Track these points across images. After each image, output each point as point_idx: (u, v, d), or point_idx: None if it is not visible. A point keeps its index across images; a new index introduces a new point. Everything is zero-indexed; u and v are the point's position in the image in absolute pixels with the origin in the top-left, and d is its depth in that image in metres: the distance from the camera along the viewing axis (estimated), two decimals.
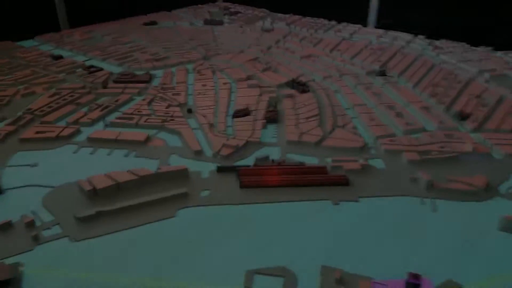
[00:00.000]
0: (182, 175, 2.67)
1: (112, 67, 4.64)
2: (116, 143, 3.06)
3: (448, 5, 6.89)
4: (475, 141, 3.16)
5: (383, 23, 6.49)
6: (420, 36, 6.04)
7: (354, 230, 2.25)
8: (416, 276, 1.45)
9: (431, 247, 2.13)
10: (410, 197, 2.57)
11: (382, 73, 4.57)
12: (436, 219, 2.37)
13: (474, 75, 4.64)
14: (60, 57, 4.85)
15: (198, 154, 2.95)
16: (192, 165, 2.79)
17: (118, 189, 2.48)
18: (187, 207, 2.41)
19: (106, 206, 2.32)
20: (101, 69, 4.49)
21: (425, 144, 3.14)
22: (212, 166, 2.78)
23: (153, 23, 6.53)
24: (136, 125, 3.32)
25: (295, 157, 2.94)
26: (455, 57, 5.15)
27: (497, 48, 5.58)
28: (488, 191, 2.62)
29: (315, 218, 2.35)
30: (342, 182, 2.66)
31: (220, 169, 2.75)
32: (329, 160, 2.89)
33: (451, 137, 3.27)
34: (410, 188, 2.65)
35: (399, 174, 2.79)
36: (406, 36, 6.09)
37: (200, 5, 8.03)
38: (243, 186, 2.59)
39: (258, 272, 1.94)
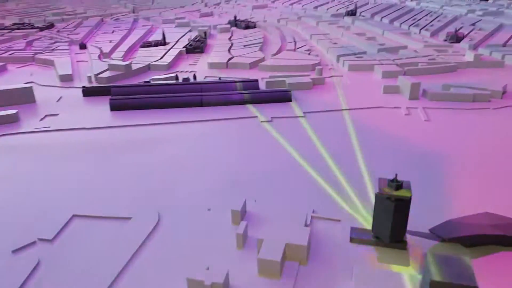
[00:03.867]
0: (25, 98, 1.66)
1: (10, 22, 3.62)
2: None
3: None
4: (478, 54, 2.21)
5: None
6: None
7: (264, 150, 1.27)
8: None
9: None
10: (386, 108, 1.59)
11: (352, 13, 3.66)
12: (433, 129, 1.40)
13: (464, 13, 3.77)
14: None
15: (66, 79, 1.94)
16: (53, 92, 1.80)
17: None
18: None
19: None
20: None
21: (407, 58, 2.18)
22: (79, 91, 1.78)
23: None
24: None
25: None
26: (439, 3, 4.30)
27: None
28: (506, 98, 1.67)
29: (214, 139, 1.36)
30: (279, 97, 1.66)
31: (87, 91, 1.74)
32: (266, 78, 1.91)
33: (444, 52, 2.32)
34: (386, 100, 1.67)
35: (369, 88, 1.81)
36: None
37: None
38: (115, 107, 1.58)
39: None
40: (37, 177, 1.13)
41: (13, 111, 1.49)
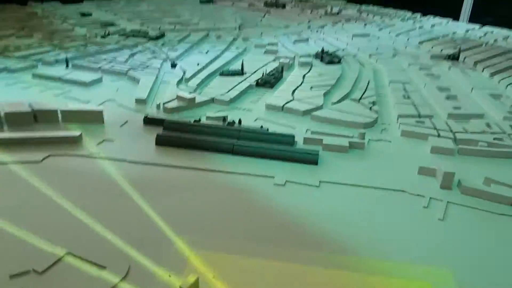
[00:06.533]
0: (96, 119, 1.97)
1: (132, 26, 4.15)
2: (60, 81, 2.50)
3: None
4: None
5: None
6: None
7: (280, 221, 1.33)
8: None
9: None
10: (409, 194, 1.54)
11: (452, 57, 3.43)
12: (441, 232, 1.33)
13: None
14: (88, 15, 4.54)
15: (140, 103, 2.23)
16: (124, 115, 2.09)
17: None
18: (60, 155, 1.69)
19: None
20: (118, 25, 4.05)
21: (472, 132, 2.03)
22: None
23: (210, 1, 6.05)
24: (99, 69, 2.71)
25: (269, 126, 2.04)
26: None
27: None
28: None
29: (238, 198, 1.47)
30: (305, 158, 1.71)
31: (147, 120, 1.99)
32: (309, 132, 1.97)
33: None
34: (415, 184, 1.61)
35: (409, 163, 1.75)
36: (507, 32, 4.73)
37: None
38: (159, 142, 1.80)
39: None
40: (57, 204, 1.38)
41: (77, 133, 1.79)
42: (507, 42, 4.24)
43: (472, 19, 5.51)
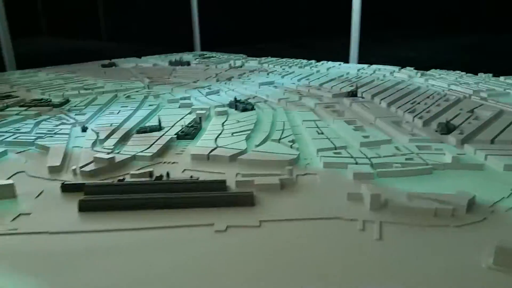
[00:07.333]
0: (7, 194, 1.78)
1: (33, 96, 3.92)
2: None
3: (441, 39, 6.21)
4: (461, 153, 2.21)
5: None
6: (408, 68, 5.26)
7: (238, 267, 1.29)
8: None
9: None
10: (343, 220, 1.60)
11: (352, 94, 3.74)
12: (382, 251, 1.39)
13: (468, 95, 3.77)
14: None
15: (54, 170, 2.07)
16: (38, 185, 1.92)
17: None
18: None
19: None
20: (16, 97, 3.79)
21: (385, 156, 2.19)
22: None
23: (112, 64, 5.96)
24: (2, 142, 2.49)
25: (199, 175, 2.01)
26: (446, 82, 4.32)
27: (498, 74, 4.74)
28: (472, 212, 1.65)
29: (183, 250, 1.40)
30: (241, 201, 1.71)
31: (65, 187, 1.84)
32: (239, 175, 1.98)
33: (426, 149, 2.33)
34: (347, 210, 1.68)
35: (337, 191, 1.83)
36: (391, 68, 5.32)
37: (174, 53, 7.56)
38: (83, 208, 1.67)
39: None
40: None
41: None
42: (394, 76, 4.77)
43: (360, 60, 6.11)
